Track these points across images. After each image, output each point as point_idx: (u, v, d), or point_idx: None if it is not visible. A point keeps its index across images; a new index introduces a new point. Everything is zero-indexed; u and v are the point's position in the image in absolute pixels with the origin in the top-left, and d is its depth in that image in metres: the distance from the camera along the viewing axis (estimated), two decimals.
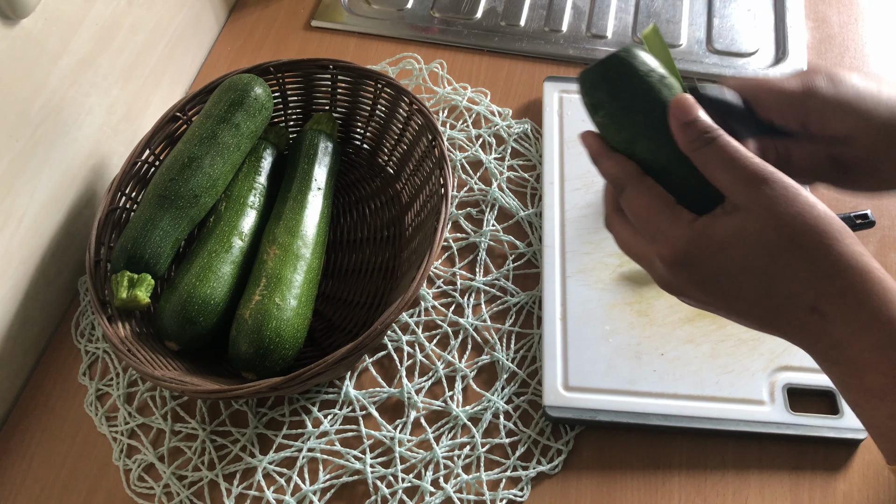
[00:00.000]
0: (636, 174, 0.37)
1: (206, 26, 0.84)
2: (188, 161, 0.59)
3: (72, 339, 0.64)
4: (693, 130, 0.35)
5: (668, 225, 0.36)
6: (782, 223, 0.33)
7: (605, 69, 0.38)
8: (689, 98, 0.36)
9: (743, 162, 0.34)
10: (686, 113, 0.35)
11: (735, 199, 0.34)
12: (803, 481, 0.54)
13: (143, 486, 0.56)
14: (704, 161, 0.35)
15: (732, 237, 0.34)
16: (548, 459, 0.56)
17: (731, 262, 0.34)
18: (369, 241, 0.68)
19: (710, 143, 0.35)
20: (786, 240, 0.33)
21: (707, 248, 0.35)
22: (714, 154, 0.35)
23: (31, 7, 0.55)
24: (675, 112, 0.36)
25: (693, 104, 0.36)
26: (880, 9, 0.86)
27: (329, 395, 0.59)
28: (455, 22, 0.86)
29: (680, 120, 0.35)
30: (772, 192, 0.33)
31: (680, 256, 0.35)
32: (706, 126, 0.35)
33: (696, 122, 0.35)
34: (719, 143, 0.35)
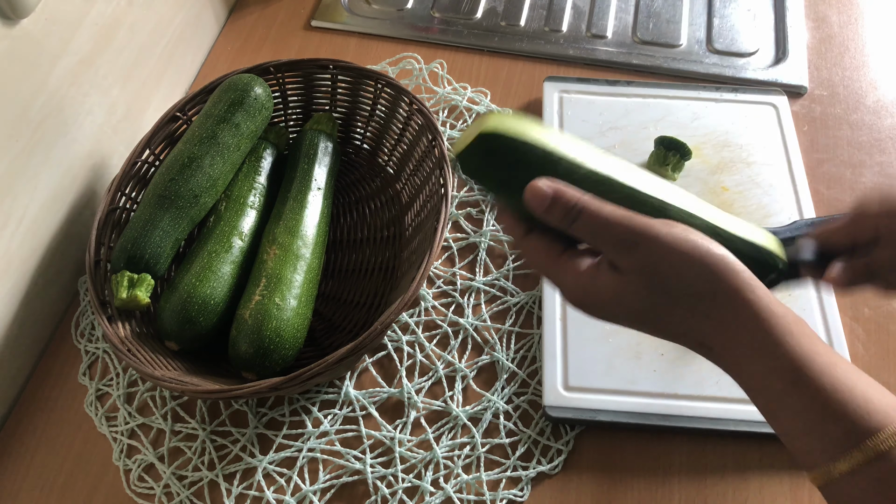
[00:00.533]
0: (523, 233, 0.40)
1: (206, 26, 0.84)
2: (188, 161, 0.59)
3: (72, 339, 0.64)
4: (557, 212, 0.36)
5: (557, 276, 0.38)
6: (654, 282, 0.35)
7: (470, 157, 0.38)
8: (541, 183, 0.36)
9: (612, 229, 0.36)
10: (542, 200, 0.36)
11: (613, 261, 0.36)
12: (803, 481, 0.54)
13: (143, 486, 0.56)
14: (579, 234, 0.37)
15: (614, 294, 0.36)
16: (548, 459, 0.56)
17: (619, 311, 0.37)
18: (369, 241, 0.68)
19: (577, 218, 0.36)
20: (660, 295, 0.36)
21: (596, 298, 0.37)
22: (584, 226, 0.36)
23: (31, 7, 0.55)
24: (532, 203, 0.37)
25: (545, 188, 0.36)
26: (880, 9, 0.86)
27: (329, 395, 0.59)
28: (455, 22, 0.86)
29: (540, 209, 0.37)
30: (641, 254, 0.35)
31: (575, 302, 0.38)
32: (567, 204, 0.36)
33: (555, 203, 0.36)
34: (585, 216, 0.36)
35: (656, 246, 0.35)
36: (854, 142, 0.74)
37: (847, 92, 0.78)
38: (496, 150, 0.37)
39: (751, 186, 0.69)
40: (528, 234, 0.39)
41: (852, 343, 0.60)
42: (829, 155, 0.73)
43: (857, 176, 0.71)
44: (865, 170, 0.71)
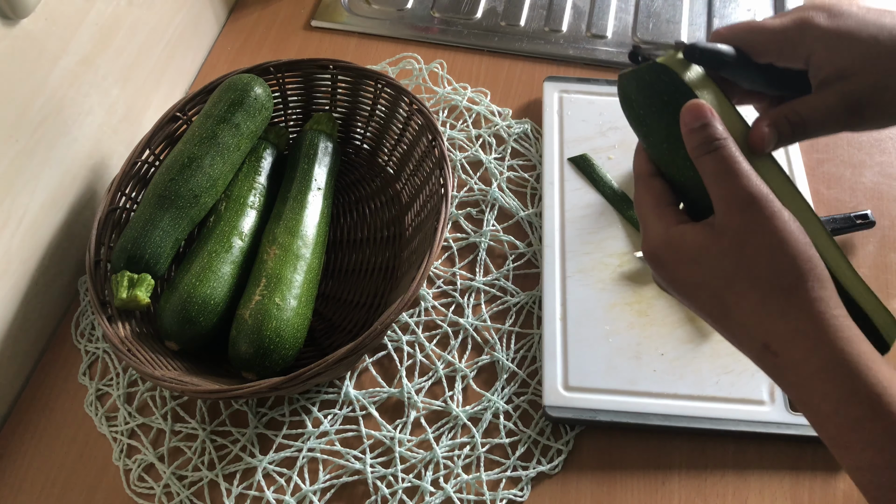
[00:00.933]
0: (646, 174, 0.39)
1: (206, 26, 0.84)
2: (188, 161, 0.59)
3: (72, 339, 0.64)
4: (700, 136, 0.35)
5: (653, 222, 0.37)
6: (746, 251, 0.33)
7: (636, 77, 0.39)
8: (703, 104, 0.36)
9: (737, 178, 0.34)
10: (696, 118, 0.35)
11: (717, 214, 0.35)
12: (803, 481, 0.54)
13: (143, 486, 0.56)
14: (703, 168, 0.35)
15: (696, 251, 0.35)
16: (548, 459, 0.56)
17: (690, 275, 0.35)
18: (369, 241, 0.68)
19: (713, 151, 0.35)
20: (744, 268, 0.33)
21: (674, 254, 0.36)
22: (714, 162, 0.35)
23: (31, 7, 0.55)
24: (685, 116, 0.36)
25: (705, 111, 0.35)
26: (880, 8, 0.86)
27: (329, 395, 0.59)
28: (455, 22, 0.86)
29: (689, 125, 0.36)
30: (749, 218, 0.33)
31: (651, 254, 0.37)
32: (713, 134, 0.35)
33: (704, 127, 0.35)
34: (721, 152, 0.35)
35: (767, 217, 0.33)
36: (854, 142, 0.74)
37: None
38: (663, 82, 0.38)
39: None
40: (655, 176, 0.39)
41: None
42: (829, 155, 0.73)
43: (857, 176, 0.71)
44: (865, 170, 0.71)
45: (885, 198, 0.69)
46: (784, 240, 0.33)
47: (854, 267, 0.36)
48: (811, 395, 0.33)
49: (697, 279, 0.35)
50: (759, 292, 0.33)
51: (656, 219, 0.37)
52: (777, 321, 0.33)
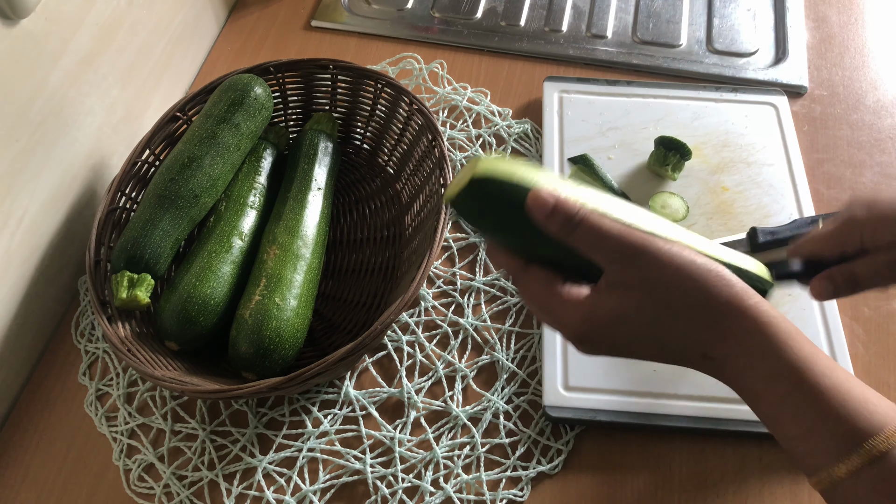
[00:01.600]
0: (519, 268, 0.39)
1: (206, 26, 0.84)
2: (188, 161, 0.59)
3: (72, 339, 0.64)
4: (558, 219, 0.36)
5: (558, 308, 0.38)
6: (656, 293, 0.36)
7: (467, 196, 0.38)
8: (541, 192, 0.36)
9: (612, 240, 0.36)
10: (542, 207, 0.36)
11: (611, 275, 0.36)
12: (803, 481, 0.54)
13: (143, 486, 0.56)
14: (578, 244, 0.36)
15: (616, 315, 0.36)
16: (548, 459, 0.56)
17: (620, 334, 0.37)
18: (369, 241, 0.68)
19: (577, 227, 0.36)
20: (662, 307, 0.36)
21: (598, 326, 0.37)
22: (583, 236, 0.36)
23: (31, 7, 0.55)
24: (534, 209, 0.36)
25: (547, 196, 0.36)
26: (880, 9, 0.86)
27: (329, 395, 0.59)
28: (455, 22, 0.86)
29: (541, 215, 0.36)
30: (642, 266, 0.35)
31: (577, 335, 0.38)
32: (569, 211, 0.36)
33: (556, 210, 0.36)
34: (585, 224, 0.36)
35: (656, 258, 0.35)
36: (854, 142, 0.74)
37: (847, 92, 0.78)
38: (489, 193, 0.37)
39: (751, 186, 0.69)
40: (527, 266, 0.39)
41: (852, 343, 0.60)
42: (829, 155, 0.73)
43: (857, 176, 0.71)
44: (865, 170, 0.71)
45: None
46: (679, 266, 0.35)
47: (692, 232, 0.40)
48: (746, 381, 0.36)
49: (626, 335, 0.37)
50: (682, 319, 0.36)
51: (559, 304, 0.38)
52: (705, 333, 0.36)
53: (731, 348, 0.36)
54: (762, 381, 0.35)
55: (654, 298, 0.36)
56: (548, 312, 0.39)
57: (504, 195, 0.37)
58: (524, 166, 0.38)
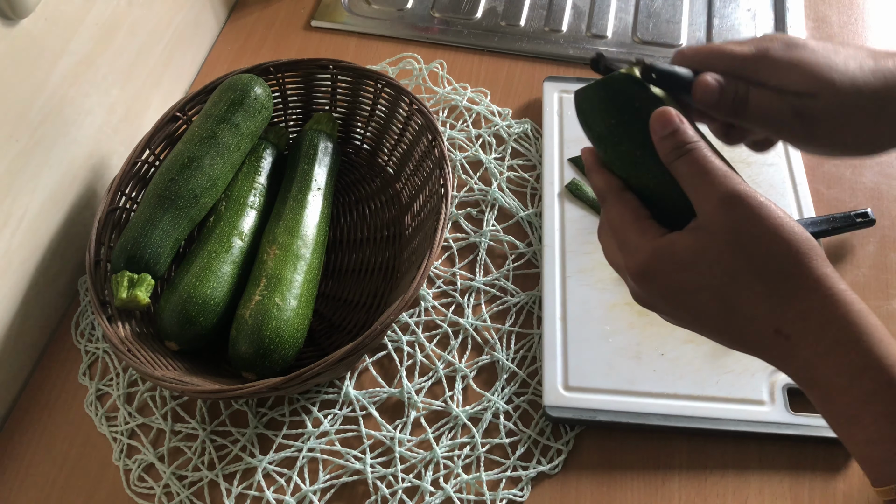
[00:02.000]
0: (616, 188, 0.38)
1: (206, 26, 0.84)
2: (188, 161, 0.59)
3: (72, 339, 0.64)
4: (672, 141, 0.35)
5: (635, 238, 0.36)
6: (743, 245, 0.33)
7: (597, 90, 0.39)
8: (670, 111, 0.36)
9: (715, 177, 0.34)
10: (665, 125, 0.36)
11: (702, 216, 0.35)
12: (803, 481, 0.54)
13: (143, 486, 0.56)
14: (680, 172, 0.35)
15: (692, 255, 0.34)
16: (548, 459, 0.56)
17: (689, 280, 0.35)
18: (369, 241, 0.68)
19: (686, 154, 0.35)
20: (744, 261, 0.33)
21: (668, 264, 0.35)
22: (689, 165, 0.35)
23: (31, 7, 0.55)
24: (654, 125, 0.36)
25: (673, 116, 0.36)
26: (880, 9, 0.86)
27: (329, 395, 0.59)
28: (455, 22, 0.86)
29: (659, 133, 0.36)
30: (737, 213, 0.33)
31: (642, 269, 0.36)
32: (684, 137, 0.35)
33: (675, 132, 0.35)
34: (695, 154, 0.35)
35: (755, 211, 0.33)
36: None
37: None
38: (622, 92, 0.38)
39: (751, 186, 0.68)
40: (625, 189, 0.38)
41: None
42: None
43: (857, 176, 0.71)
44: (865, 170, 0.71)
45: (885, 197, 0.69)
46: (777, 226, 0.33)
47: None
48: (824, 372, 0.33)
49: (695, 284, 0.35)
50: (764, 281, 0.33)
51: (639, 234, 0.36)
52: (786, 305, 0.33)
53: (812, 330, 0.32)
54: (844, 374, 0.32)
55: (739, 250, 0.33)
56: (623, 239, 0.37)
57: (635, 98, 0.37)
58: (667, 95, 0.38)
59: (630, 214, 0.37)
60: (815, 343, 0.33)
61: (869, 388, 0.32)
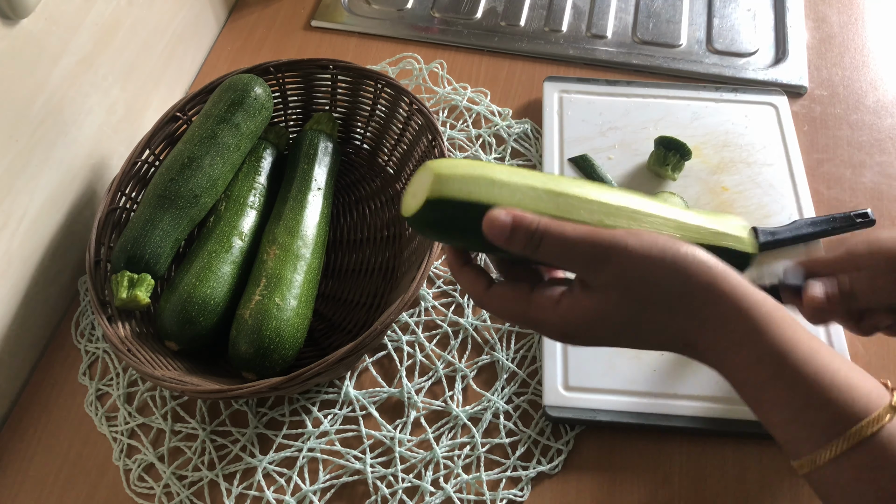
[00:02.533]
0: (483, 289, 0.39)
1: (206, 26, 0.84)
2: (188, 161, 0.59)
3: (72, 339, 0.64)
4: (519, 239, 0.35)
5: (536, 315, 0.38)
6: (632, 292, 0.35)
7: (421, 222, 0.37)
8: (496, 212, 0.35)
9: (579, 247, 0.35)
10: (502, 229, 0.35)
11: (586, 280, 0.36)
12: (803, 481, 0.54)
13: (143, 486, 0.56)
14: (545, 257, 0.36)
15: (593, 315, 0.36)
16: (548, 459, 0.56)
17: (602, 331, 0.37)
18: (369, 241, 0.68)
19: (540, 242, 0.35)
20: (640, 303, 0.35)
21: (577, 325, 0.37)
22: (550, 249, 0.35)
23: (31, 7, 0.55)
24: (492, 233, 0.35)
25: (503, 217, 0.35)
26: (880, 9, 0.86)
27: (329, 395, 0.59)
28: (455, 22, 0.86)
29: (501, 238, 0.35)
30: (615, 266, 0.35)
31: (559, 334, 0.38)
32: (528, 228, 0.35)
33: (516, 230, 0.35)
34: (549, 238, 0.35)
35: (627, 256, 0.35)
36: (854, 142, 0.74)
37: (847, 92, 0.78)
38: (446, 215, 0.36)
39: (751, 186, 0.69)
40: (489, 288, 0.39)
41: (852, 343, 0.60)
42: (829, 155, 0.73)
43: (857, 176, 0.71)
44: (865, 170, 0.71)
45: (885, 198, 0.69)
46: (654, 259, 0.35)
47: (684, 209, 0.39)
48: (729, 368, 0.36)
49: (611, 330, 0.37)
50: (662, 309, 0.35)
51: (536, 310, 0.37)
52: (685, 321, 0.35)
53: (711, 334, 0.35)
54: (743, 367, 0.35)
55: (630, 296, 0.35)
56: (525, 320, 0.38)
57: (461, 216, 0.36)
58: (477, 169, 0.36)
59: (514, 300, 0.38)
60: (714, 344, 0.35)
61: (763, 377, 0.34)
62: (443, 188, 0.35)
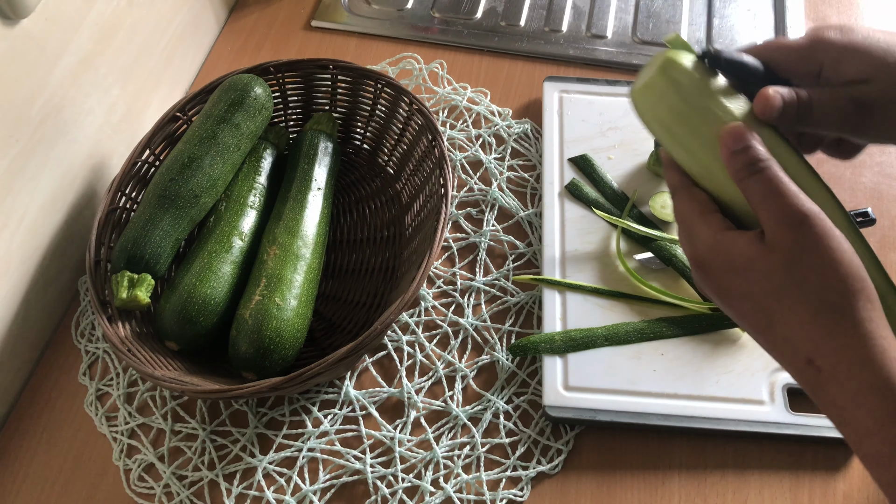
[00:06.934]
0: (685, 183, 0.39)
1: (206, 26, 0.84)
2: (188, 161, 0.59)
3: (72, 339, 0.64)
4: (742, 159, 0.35)
5: (699, 229, 0.37)
6: (798, 269, 0.33)
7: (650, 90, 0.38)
8: (741, 126, 0.36)
9: (785, 199, 0.34)
10: (736, 141, 0.36)
11: (767, 232, 0.35)
12: (803, 481, 0.54)
13: (143, 486, 0.56)
14: (749, 190, 0.35)
15: (747, 262, 0.35)
16: (548, 459, 0.56)
17: (738, 284, 0.35)
18: (369, 241, 0.68)
19: (757, 173, 0.35)
20: (795, 285, 0.33)
21: (722, 262, 0.36)
22: (760, 185, 0.35)
23: (31, 7, 0.55)
24: (725, 140, 0.36)
25: (744, 132, 0.36)
26: (880, 9, 0.86)
27: (329, 395, 0.59)
28: (455, 22, 0.86)
29: (730, 148, 0.36)
30: (801, 238, 0.33)
31: (699, 261, 0.37)
32: (756, 156, 0.35)
33: (746, 150, 0.35)
34: (766, 174, 0.35)
35: (819, 236, 0.33)
36: None
37: None
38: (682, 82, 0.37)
39: None
40: (693, 186, 0.39)
41: None
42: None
43: (857, 176, 0.71)
44: (865, 170, 0.71)
45: (885, 198, 0.69)
46: (836, 259, 0.33)
47: None
48: (853, 412, 0.33)
49: (744, 290, 0.35)
50: (809, 308, 0.33)
51: (703, 225, 0.37)
52: (824, 337, 0.33)
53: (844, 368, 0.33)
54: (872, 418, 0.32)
55: (794, 273, 0.33)
56: (688, 226, 0.38)
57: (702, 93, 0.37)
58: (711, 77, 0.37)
59: (697, 206, 0.38)
60: (846, 382, 0.33)
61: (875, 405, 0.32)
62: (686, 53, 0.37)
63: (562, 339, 0.59)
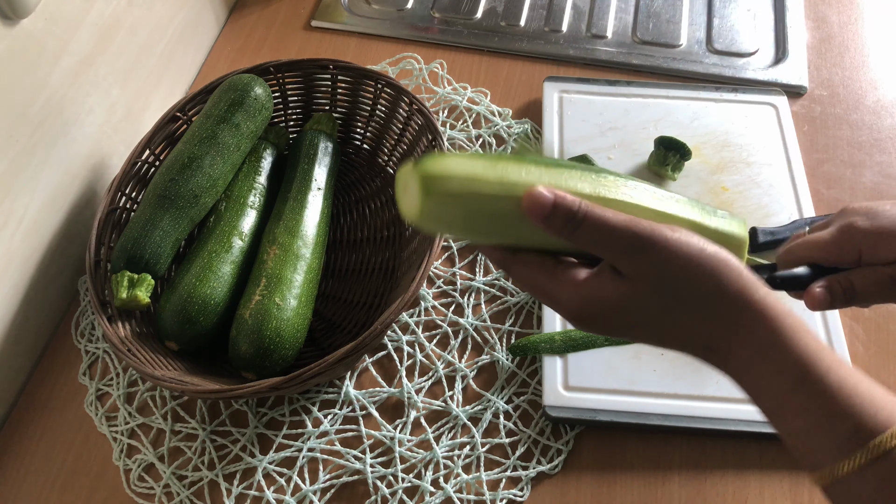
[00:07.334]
0: (509, 257, 0.38)
1: (206, 26, 0.84)
2: (188, 161, 0.59)
3: (72, 339, 0.64)
4: (558, 221, 0.35)
5: (555, 291, 0.37)
6: (663, 286, 0.35)
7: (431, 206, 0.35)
8: (536, 192, 0.35)
9: (618, 232, 0.35)
10: (542, 208, 0.35)
11: (621, 267, 0.35)
12: (803, 481, 0.54)
13: (143, 486, 0.56)
14: (581, 241, 0.35)
15: (620, 299, 0.36)
16: (548, 459, 0.56)
17: (623, 319, 0.36)
18: (369, 241, 0.68)
19: (580, 224, 0.35)
20: (668, 299, 0.35)
21: (597, 309, 0.36)
22: (588, 234, 0.35)
23: (31, 7, 0.55)
24: (532, 211, 0.35)
25: (541, 197, 0.34)
26: (880, 9, 0.86)
27: (329, 394, 0.59)
28: (455, 22, 0.86)
29: (541, 216, 0.35)
30: (650, 258, 0.35)
31: (574, 315, 0.37)
32: (569, 209, 0.35)
33: (556, 209, 0.35)
34: (589, 221, 0.35)
35: (664, 249, 0.34)
36: (854, 142, 0.74)
37: (847, 92, 0.78)
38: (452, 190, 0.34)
39: (751, 186, 0.69)
40: (516, 254, 0.38)
41: (852, 343, 0.60)
42: (829, 155, 0.73)
43: (857, 176, 0.71)
44: (865, 170, 0.71)
45: (884, 197, 0.69)
46: (690, 256, 0.35)
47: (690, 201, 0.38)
48: (749, 375, 0.35)
49: (631, 322, 0.36)
50: (690, 309, 0.35)
51: (557, 285, 0.37)
52: (710, 323, 0.35)
53: (735, 341, 0.35)
54: (766, 375, 0.35)
55: (661, 290, 0.35)
56: (543, 293, 0.38)
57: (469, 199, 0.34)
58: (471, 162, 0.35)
59: (538, 273, 0.38)
60: (738, 351, 0.35)
61: (786, 386, 0.34)
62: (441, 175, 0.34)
63: (562, 339, 0.59)
